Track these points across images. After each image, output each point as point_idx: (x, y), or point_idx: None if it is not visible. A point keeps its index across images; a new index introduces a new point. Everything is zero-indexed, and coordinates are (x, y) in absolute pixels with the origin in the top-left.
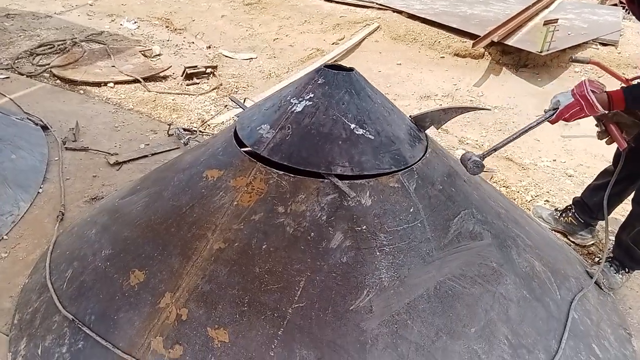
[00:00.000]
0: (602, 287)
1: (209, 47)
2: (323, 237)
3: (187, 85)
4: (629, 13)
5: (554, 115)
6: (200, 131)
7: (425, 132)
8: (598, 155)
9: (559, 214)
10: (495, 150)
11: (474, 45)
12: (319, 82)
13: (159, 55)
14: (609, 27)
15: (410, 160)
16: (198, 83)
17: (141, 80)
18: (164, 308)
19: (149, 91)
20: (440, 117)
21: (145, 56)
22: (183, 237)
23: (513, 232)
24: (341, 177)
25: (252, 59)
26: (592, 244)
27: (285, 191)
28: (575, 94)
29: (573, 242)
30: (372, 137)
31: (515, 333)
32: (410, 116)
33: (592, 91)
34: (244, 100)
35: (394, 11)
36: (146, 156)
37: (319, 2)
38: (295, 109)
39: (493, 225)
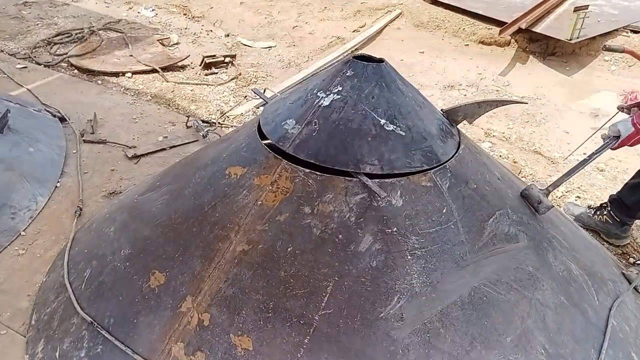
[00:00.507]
0: (639, 290)
1: (228, 35)
2: (351, 240)
3: (206, 75)
4: None
5: (617, 144)
6: (219, 123)
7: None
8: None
9: (592, 212)
10: (557, 185)
11: (501, 32)
12: (347, 74)
13: (176, 43)
14: None
15: (443, 158)
16: (217, 73)
17: (159, 70)
18: (185, 312)
19: (167, 81)
20: (474, 110)
21: (163, 45)
22: (205, 238)
23: (549, 233)
24: (371, 175)
25: (271, 47)
26: (627, 243)
27: (311, 190)
28: (635, 124)
29: (607, 241)
30: (403, 133)
31: (553, 342)
32: (441, 110)
33: None
34: (264, 91)
35: None
36: (164, 149)
37: None
38: (322, 103)
39: (528, 226)
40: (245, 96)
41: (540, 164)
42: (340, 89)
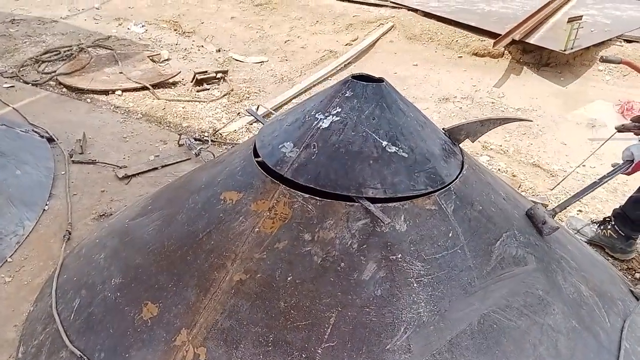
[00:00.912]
0: None
1: (219, 51)
2: (354, 268)
3: (198, 91)
4: None
5: (630, 168)
6: (212, 141)
7: (459, 145)
8: None
9: (596, 226)
10: (564, 207)
11: (495, 44)
12: (346, 95)
13: (167, 60)
14: (633, 22)
15: (447, 179)
16: (208, 89)
17: (150, 87)
18: (180, 346)
19: (158, 99)
20: (477, 129)
21: (154, 61)
22: (200, 267)
23: (557, 254)
24: (373, 200)
25: (263, 62)
26: (632, 258)
27: (311, 216)
28: None
29: (612, 256)
30: (406, 155)
31: None
32: (443, 129)
33: None
34: (257, 108)
35: (408, 9)
36: (156, 168)
37: (330, 1)
38: (321, 125)
39: (536, 247)
40: (239, 113)
41: (539, 177)
42: (339, 110)
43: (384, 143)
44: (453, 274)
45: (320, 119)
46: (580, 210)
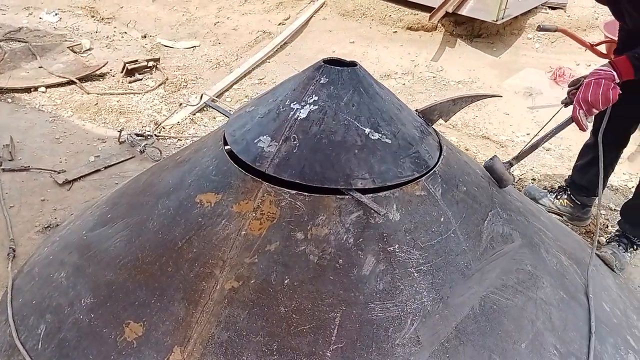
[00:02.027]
0: (615, 269)
1: (145, 37)
2: (353, 264)
3: (130, 82)
4: None
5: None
6: (156, 135)
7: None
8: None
9: (554, 196)
10: (520, 159)
11: (431, 17)
12: (321, 81)
13: (89, 49)
14: None
15: (431, 162)
16: (141, 79)
17: (76, 81)
18: None
19: (88, 93)
20: (450, 108)
21: (75, 52)
22: (184, 278)
23: (535, 227)
24: (363, 191)
25: (195, 47)
26: (588, 224)
27: (301, 214)
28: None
29: (569, 223)
30: (390, 141)
31: (562, 340)
32: (416, 110)
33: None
34: (201, 96)
35: None
36: (99, 170)
37: None
38: (298, 116)
39: (518, 223)
40: (180, 103)
41: (490, 149)
42: (316, 98)
43: (367, 130)
44: (450, 259)
45: (297, 108)
46: (534, 179)
